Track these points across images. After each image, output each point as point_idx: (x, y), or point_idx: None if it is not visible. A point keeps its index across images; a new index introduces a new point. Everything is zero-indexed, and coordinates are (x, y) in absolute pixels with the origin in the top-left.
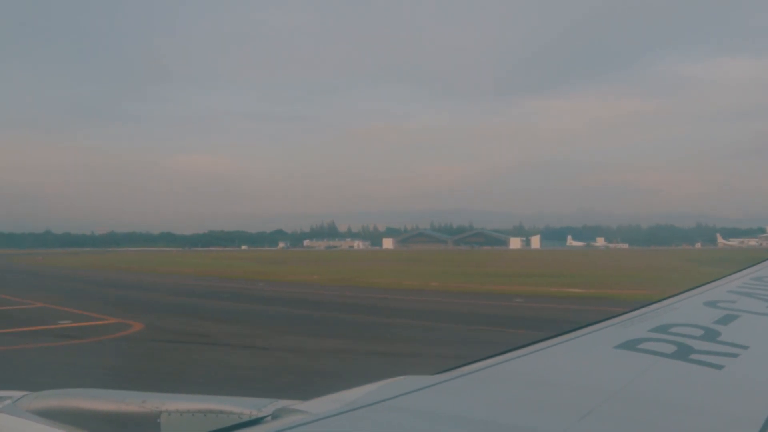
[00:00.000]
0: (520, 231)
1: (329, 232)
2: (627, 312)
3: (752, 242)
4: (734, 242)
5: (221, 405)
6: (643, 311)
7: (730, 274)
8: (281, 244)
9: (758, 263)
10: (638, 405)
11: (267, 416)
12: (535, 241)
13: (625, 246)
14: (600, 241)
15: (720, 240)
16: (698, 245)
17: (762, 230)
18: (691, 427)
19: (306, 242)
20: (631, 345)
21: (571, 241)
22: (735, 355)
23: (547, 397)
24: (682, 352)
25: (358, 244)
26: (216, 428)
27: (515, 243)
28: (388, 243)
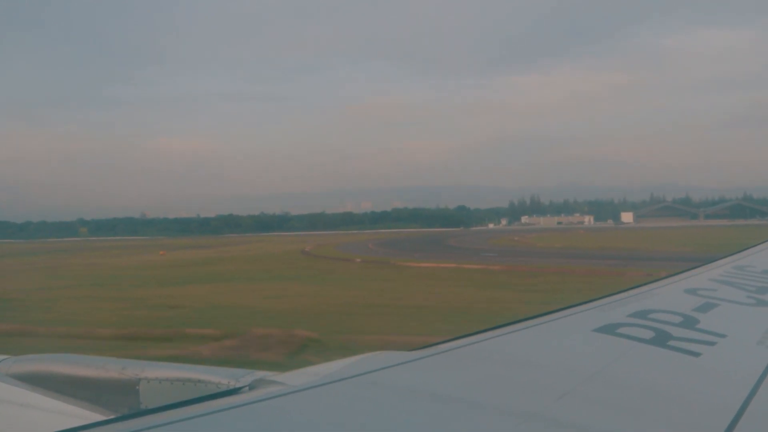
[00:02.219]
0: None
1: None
2: (607, 296)
3: None
4: None
5: (200, 374)
6: (623, 296)
7: (712, 262)
8: (503, 221)
9: (740, 251)
10: (614, 389)
11: (245, 386)
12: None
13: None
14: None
15: None
16: None
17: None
18: (667, 413)
19: (524, 218)
20: (609, 329)
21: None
22: (712, 344)
23: (523, 377)
24: (660, 338)
25: (589, 220)
26: (194, 397)
27: None
28: (627, 217)
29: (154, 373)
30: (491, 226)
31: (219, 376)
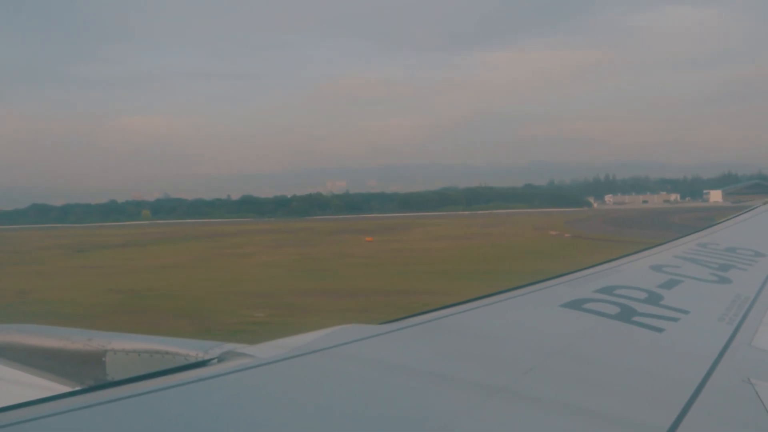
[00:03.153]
0: None
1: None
2: (575, 271)
3: None
4: None
5: (167, 346)
6: (590, 271)
7: (677, 239)
8: (595, 204)
9: (703, 229)
10: (580, 363)
11: (213, 359)
12: None
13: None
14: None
15: None
16: None
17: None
18: (631, 387)
19: (608, 198)
20: (576, 304)
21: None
22: (675, 320)
23: (491, 351)
24: (625, 314)
25: (676, 198)
26: (162, 369)
27: None
28: (716, 196)
29: (121, 344)
30: (595, 206)
31: (187, 348)
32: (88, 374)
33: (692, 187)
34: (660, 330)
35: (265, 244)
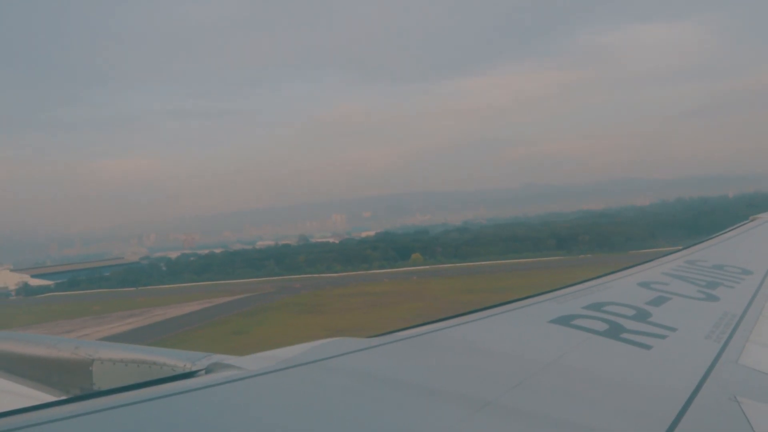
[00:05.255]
0: None
1: None
2: (564, 287)
3: None
4: None
5: (155, 356)
6: (579, 288)
7: (665, 256)
8: None
9: (691, 246)
10: (567, 379)
11: (201, 370)
12: None
13: None
14: None
15: None
16: None
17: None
18: (618, 404)
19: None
20: (564, 320)
21: None
22: (663, 337)
23: (480, 365)
24: (614, 331)
25: None
26: (149, 379)
27: None
28: None
29: (108, 354)
30: None
31: (175, 359)
32: (75, 383)
33: None
34: (648, 347)
35: None
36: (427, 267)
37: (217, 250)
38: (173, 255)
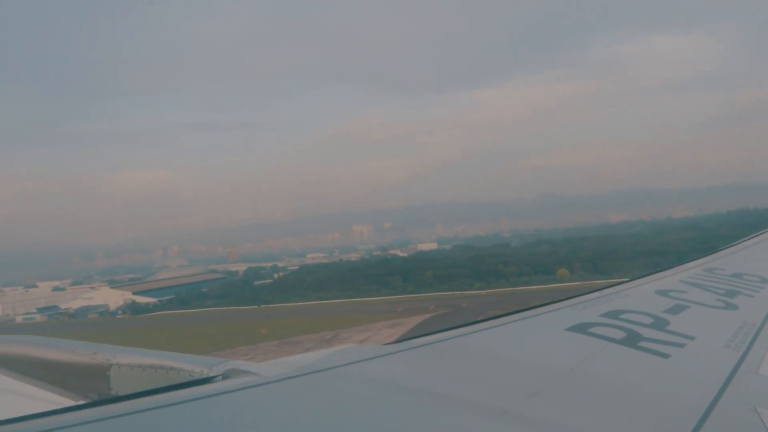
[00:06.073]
0: None
1: None
2: (581, 295)
3: None
4: None
5: (172, 361)
6: (596, 295)
7: (683, 263)
8: None
9: (710, 254)
10: (584, 387)
11: (218, 376)
12: None
13: None
14: None
15: None
16: None
17: None
18: (635, 413)
19: None
20: (582, 328)
21: None
22: (681, 346)
23: (496, 373)
24: (631, 339)
25: None
26: (166, 384)
27: None
28: None
29: (126, 359)
30: None
31: (192, 364)
32: (93, 388)
33: None
34: (666, 356)
35: None
36: (578, 283)
37: (239, 266)
38: (234, 268)
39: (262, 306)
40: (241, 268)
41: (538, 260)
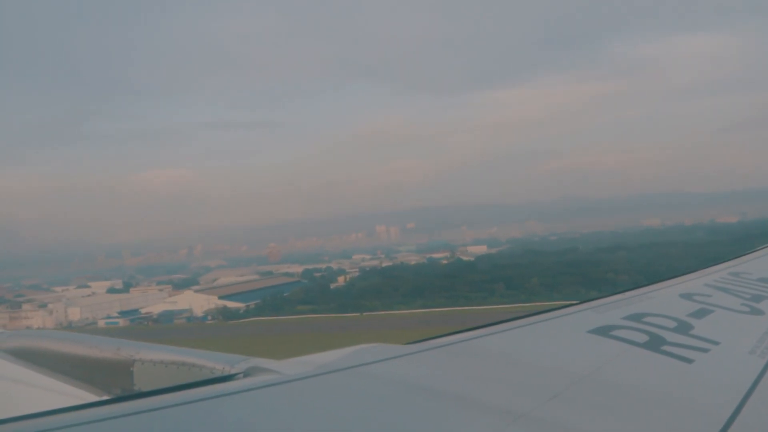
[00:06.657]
0: None
1: None
2: (603, 297)
3: None
4: None
5: (195, 358)
6: (618, 298)
7: (708, 267)
8: None
9: (737, 257)
10: (606, 391)
11: (239, 373)
12: None
13: None
14: None
15: None
16: None
17: None
18: (657, 419)
19: None
20: (604, 331)
21: None
22: (706, 350)
23: (516, 375)
24: (654, 343)
25: None
26: (188, 381)
27: None
28: None
29: (149, 355)
30: None
31: (214, 362)
32: (116, 383)
33: None
34: (689, 360)
35: None
36: None
37: (295, 268)
38: (293, 269)
39: (364, 313)
40: (292, 269)
41: (638, 268)
